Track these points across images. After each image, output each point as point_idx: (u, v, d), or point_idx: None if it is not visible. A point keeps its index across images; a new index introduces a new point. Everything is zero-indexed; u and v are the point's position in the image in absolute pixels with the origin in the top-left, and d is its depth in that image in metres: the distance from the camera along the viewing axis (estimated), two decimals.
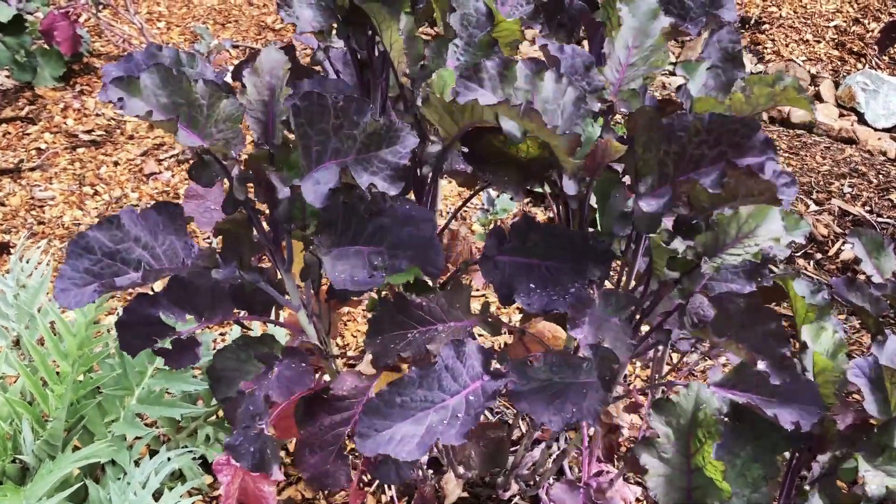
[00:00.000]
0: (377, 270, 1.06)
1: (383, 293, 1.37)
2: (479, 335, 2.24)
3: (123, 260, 1.07)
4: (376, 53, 1.26)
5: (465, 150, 1.15)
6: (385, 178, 1.03)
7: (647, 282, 1.14)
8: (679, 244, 1.02)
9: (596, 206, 1.14)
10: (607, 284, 1.22)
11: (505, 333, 1.85)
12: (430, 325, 1.20)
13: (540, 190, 1.65)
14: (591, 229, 1.17)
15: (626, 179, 1.12)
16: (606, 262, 1.07)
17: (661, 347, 1.66)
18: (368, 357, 1.19)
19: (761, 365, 1.06)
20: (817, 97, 4.00)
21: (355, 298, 1.23)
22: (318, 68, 1.37)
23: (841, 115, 3.87)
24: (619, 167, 1.15)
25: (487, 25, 1.22)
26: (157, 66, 1.00)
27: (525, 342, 1.42)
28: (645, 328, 1.23)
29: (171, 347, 1.18)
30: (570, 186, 1.06)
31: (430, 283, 1.28)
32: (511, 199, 1.17)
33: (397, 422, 1.03)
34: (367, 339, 1.19)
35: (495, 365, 1.08)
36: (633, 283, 1.22)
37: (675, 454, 1.15)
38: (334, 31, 1.22)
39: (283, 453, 2.00)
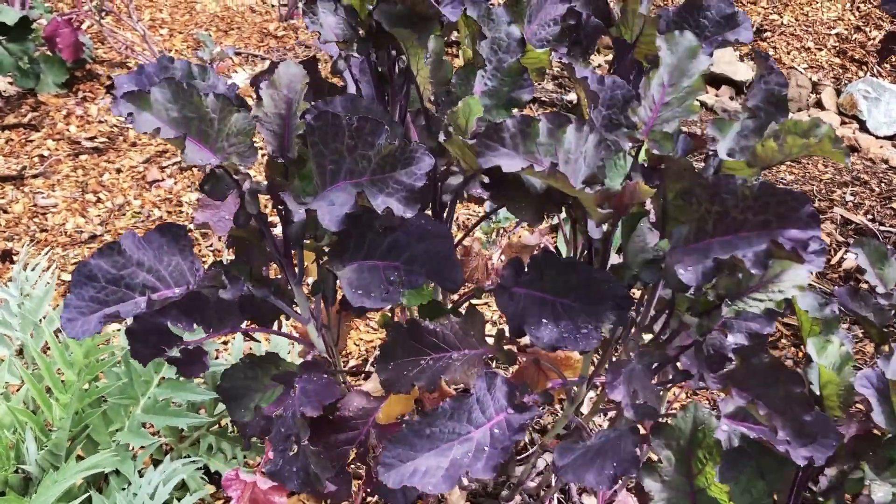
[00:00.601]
0: (393, 286, 1.05)
1: (396, 311, 1.36)
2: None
3: (128, 285, 1.08)
4: (397, 70, 1.25)
5: (487, 180, 1.15)
6: (400, 199, 1.02)
7: (669, 318, 1.13)
8: None
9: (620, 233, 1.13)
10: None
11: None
12: (444, 353, 1.18)
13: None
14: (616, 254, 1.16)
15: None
16: (624, 309, 1.05)
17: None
18: (376, 377, 1.19)
19: (782, 434, 1.05)
20: (819, 105, 4.00)
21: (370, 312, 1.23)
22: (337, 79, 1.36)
23: (843, 123, 3.87)
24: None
25: (518, 52, 1.21)
26: (167, 80, 1.00)
27: (540, 367, 1.41)
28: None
29: (180, 357, 1.18)
30: (595, 232, 1.05)
31: (443, 300, 1.27)
32: (528, 226, 1.16)
33: (422, 453, 1.03)
34: (379, 366, 1.17)
35: (519, 398, 1.08)
36: (651, 313, 1.21)
37: (676, 476, 1.15)
38: (355, 45, 1.21)
39: None
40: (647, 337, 1.24)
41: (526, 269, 1.14)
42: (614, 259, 1.15)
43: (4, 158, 3.22)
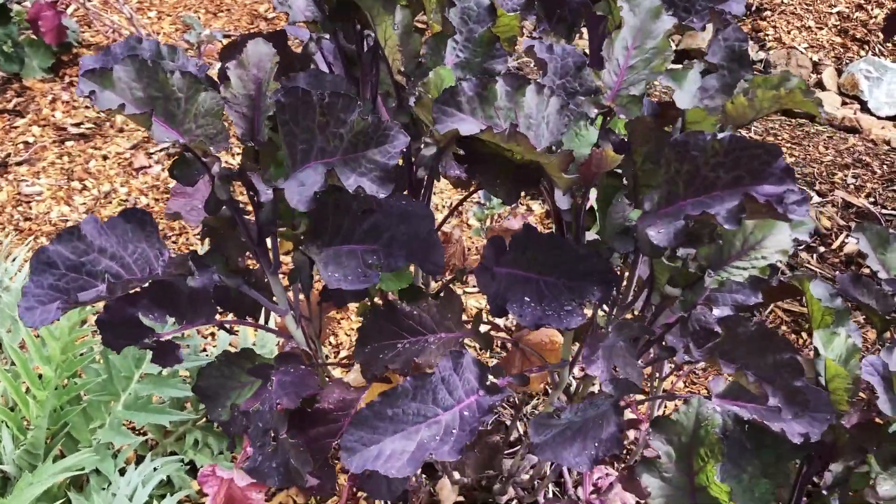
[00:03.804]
0: (372, 269, 1.01)
1: (375, 299, 1.32)
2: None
3: (90, 273, 1.02)
4: (365, 48, 1.20)
5: (461, 152, 1.10)
6: (373, 179, 0.97)
7: (650, 293, 1.09)
8: (681, 251, 0.97)
9: (596, 210, 1.08)
10: None
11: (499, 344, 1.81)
12: (421, 336, 1.15)
13: None
14: (593, 234, 1.11)
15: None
16: (608, 284, 1.01)
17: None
18: (358, 367, 1.14)
19: (773, 400, 1.00)
20: (819, 85, 3.93)
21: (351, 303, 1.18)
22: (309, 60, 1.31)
23: (844, 104, 3.80)
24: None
25: (488, 21, 1.17)
26: (131, 58, 0.95)
27: (522, 352, 1.36)
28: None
29: (154, 346, 1.14)
30: (563, 201, 1.01)
31: (425, 288, 1.23)
32: (509, 207, 1.11)
33: (387, 436, 0.98)
34: (356, 349, 1.14)
35: (491, 379, 1.04)
36: (633, 291, 1.17)
37: (677, 474, 1.10)
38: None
39: None
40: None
41: (508, 248, 1.10)
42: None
43: None
